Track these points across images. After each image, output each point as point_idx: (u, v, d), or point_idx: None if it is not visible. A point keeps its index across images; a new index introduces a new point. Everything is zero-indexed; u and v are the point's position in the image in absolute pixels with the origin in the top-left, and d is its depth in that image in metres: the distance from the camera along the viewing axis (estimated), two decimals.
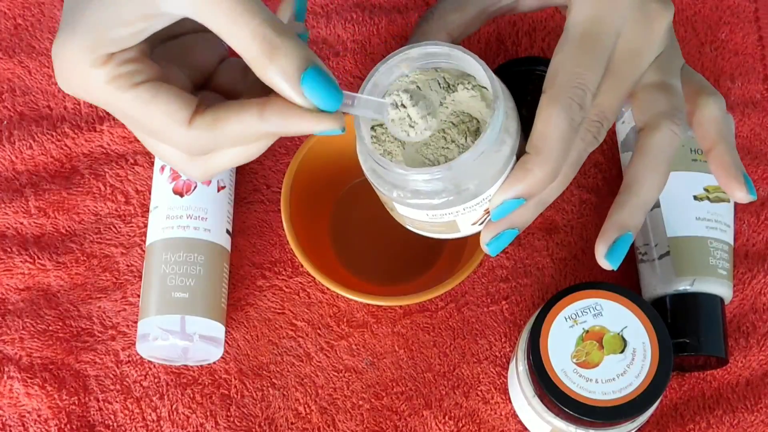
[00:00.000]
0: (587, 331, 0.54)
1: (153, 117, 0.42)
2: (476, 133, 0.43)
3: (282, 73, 0.40)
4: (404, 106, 0.43)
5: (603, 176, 0.65)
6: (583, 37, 0.44)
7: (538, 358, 0.53)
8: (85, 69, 0.41)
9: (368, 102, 0.43)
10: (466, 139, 0.43)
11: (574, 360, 0.53)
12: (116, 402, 0.60)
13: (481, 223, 0.46)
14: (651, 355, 0.53)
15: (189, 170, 0.45)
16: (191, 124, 0.42)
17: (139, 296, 0.61)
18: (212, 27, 0.40)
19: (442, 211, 0.44)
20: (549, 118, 0.43)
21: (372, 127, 0.45)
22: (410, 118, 0.43)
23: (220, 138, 0.42)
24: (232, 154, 0.44)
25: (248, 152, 0.44)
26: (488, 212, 0.45)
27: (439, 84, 0.44)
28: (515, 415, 0.60)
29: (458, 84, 0.44)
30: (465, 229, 0.46)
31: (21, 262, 0.62)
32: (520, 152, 0.44)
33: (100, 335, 0.61)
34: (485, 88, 0.44)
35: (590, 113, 0.45)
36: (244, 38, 0.39)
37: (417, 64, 0.45)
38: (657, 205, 0.60)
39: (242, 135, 0.42)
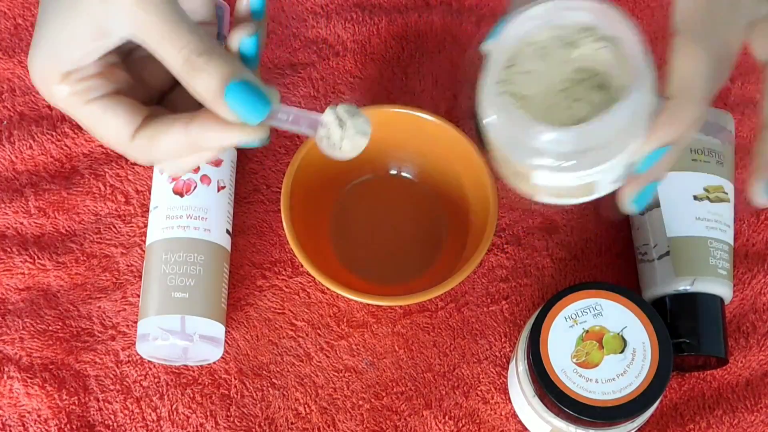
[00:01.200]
0: (587, 331, 0.54)
1: (102, 131, 0.44)
2: (601, 87, 0.43)
3: (205, 90, 0.41)
4: (335, 126, 0.43)
5: None
6: None
7: (538, 358, 0.53)
8: (49, 84, 0.44)
9: (302, 118, 0.43)
10: (596, 94, 0.42)
11: (574, 360, 0.53)
12: (116, 402, 0.60)
13: (616, 180, 0.45)
14: (651, 355, 0.53)
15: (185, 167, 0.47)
16: (133, 139, 0.44)
17: (139, 296, 0.61)
18: (148, 48, 0.42)
19: (586, 172, 0.43)
20: (690, 60, 0.42)
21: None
22: (341, 137, 0.43)
23: (156, 153, 0.44)
24: (191, 161, 0.45)
25: (195, 161, 0.45)
26: (626, 168, 0.44)
27: (561, 40, 0.44)
28: (515, 415, 0.60)
29: (580, 39, 0.43)
30: (602, 188, 0.45)
31: (21, 262, 0.62)
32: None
33: (100, 335, 0.61)
34: (608, 39, 0.43)
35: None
36: (172, 59, 0.41)
37: (540, 22, 0.44)
38: (657, 204, 0.60)
39: (174, 149, 0.44)
